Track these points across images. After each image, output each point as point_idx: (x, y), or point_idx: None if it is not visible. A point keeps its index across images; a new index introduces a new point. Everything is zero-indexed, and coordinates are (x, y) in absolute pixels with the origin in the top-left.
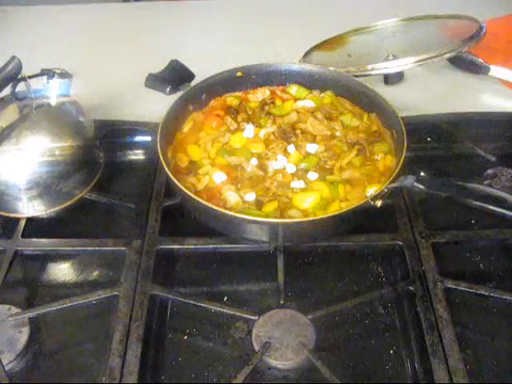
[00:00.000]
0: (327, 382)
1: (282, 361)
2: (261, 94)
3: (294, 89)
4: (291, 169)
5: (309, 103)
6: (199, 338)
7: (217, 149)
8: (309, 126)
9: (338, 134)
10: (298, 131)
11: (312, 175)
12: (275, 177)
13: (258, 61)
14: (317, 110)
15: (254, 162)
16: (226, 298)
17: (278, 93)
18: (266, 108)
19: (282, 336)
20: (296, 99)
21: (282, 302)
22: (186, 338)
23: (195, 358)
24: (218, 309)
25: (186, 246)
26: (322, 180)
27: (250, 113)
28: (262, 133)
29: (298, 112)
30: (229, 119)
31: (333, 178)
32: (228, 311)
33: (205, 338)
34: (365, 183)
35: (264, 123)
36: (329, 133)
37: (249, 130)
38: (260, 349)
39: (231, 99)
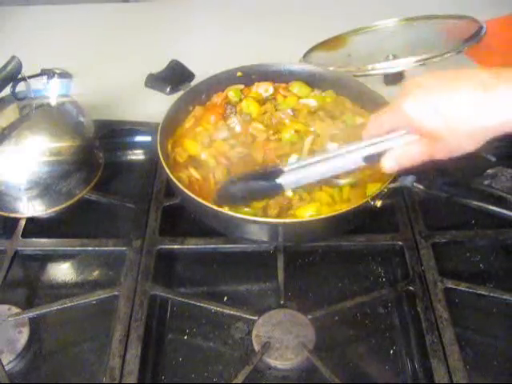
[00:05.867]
0: (327, 382)
1: (281, 361)
2: (263, 88)
3: (295, 87)
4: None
5: (312, 102)
6: (199, 338)
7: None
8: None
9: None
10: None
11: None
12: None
13: (258, 61)
14: (319, 109)
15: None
16: (225, 298)
17: (281, 91)
18: (267, 106)
19: (282, 336)
20: (298, 97)
21: (282, 302)
22: (185, 338)
23: (195, 358)
24: (218, 309)
25: (186, 246)
26: (328, 185)
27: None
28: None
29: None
30: (229, 112)
31: (342, 182)
32: (228, 311)
33: (205, 338)
34: (366, 183)
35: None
36: (337, 132)
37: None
38: (260, 349)
39: (232, 94)
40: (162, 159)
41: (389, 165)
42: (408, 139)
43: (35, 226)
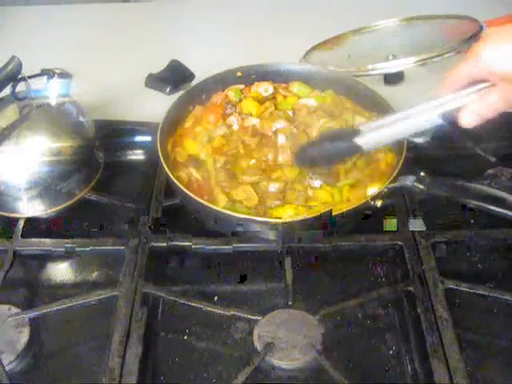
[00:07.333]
0: (331, 383)
1: (286, 361)
2: (263, 88)
3: (295, 87)
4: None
5: (311, 102)
6: (201, 339)
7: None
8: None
9: None
10: None
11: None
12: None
13: (258, 61)
14: (319, 109)
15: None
16: (227, 299)
17: (281, 91)
18: (267, 104)
19: (285, 336)
20: (298, 97)
21: (282, 301)
22: (186, 338)
23: (195, 358)
24: (220, 311)
25: (186, 246)
26: (328, 185)
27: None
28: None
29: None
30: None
31: (341, 183)
32: (228, 312)
33: (205, 339)
34: (367, 183)
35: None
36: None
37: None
38: (262, 349)
39: (232, 94)
40: (161, 159)
41: (469, 120)
42: (485, 90)
43: (35, 226)
